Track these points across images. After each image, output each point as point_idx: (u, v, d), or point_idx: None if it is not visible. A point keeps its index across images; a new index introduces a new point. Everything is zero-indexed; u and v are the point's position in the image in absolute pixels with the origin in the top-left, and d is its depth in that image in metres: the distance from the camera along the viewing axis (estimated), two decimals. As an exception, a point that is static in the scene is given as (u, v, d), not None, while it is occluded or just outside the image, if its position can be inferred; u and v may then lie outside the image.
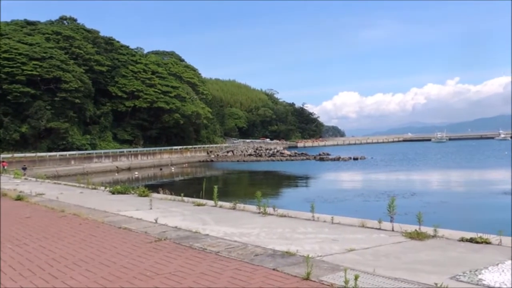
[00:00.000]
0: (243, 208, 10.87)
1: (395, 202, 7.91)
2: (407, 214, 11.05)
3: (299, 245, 6.63)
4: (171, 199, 13.38)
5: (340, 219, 8.73)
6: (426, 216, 7.73)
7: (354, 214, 11.87)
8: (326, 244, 6.69)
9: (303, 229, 8.00)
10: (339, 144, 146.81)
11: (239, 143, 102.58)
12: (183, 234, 7.90)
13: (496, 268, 5.12)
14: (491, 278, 4.74)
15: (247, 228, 8.30)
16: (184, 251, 6.66)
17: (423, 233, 7.06)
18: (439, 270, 5.14)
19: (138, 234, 8.12)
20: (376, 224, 8.02)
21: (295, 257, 5.96)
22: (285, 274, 5.23)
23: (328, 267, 5.39)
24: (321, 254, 6.08)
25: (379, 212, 9.27)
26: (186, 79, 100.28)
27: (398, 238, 7.01)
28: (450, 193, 28.56)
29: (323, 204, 23.30)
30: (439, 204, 23.00)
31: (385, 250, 6.28)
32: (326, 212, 9.80)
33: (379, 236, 7.20)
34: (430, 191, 29.33)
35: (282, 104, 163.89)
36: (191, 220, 9.38)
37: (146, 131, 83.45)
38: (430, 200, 24.40)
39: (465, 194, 27.42)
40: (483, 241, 6.50)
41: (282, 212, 9.79)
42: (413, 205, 21.06)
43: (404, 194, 26.61)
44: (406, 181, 37.94)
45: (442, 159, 64.57)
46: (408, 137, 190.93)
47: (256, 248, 6.59)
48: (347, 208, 21.78)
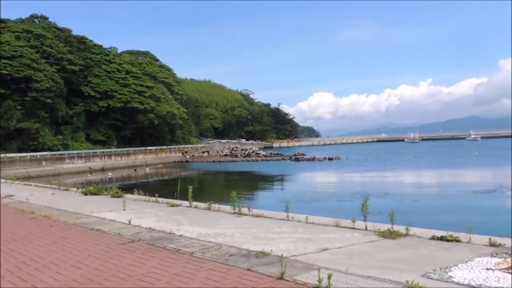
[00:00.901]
0: (218, 209, 10.83)
1: (369, 202, 8.03)
2: (380, 213, 11.21)
3: (274, 245, 6.65)
4: (145, 200, 13.23)
5: (314, 218, 8.79)
6: (399, 215, 7.85)
7: (328, 213, 11.95)
8: (300, 244, 6.73)
9: (278, 229, 8.03)
10: (314, 145, 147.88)
11: (215, 144, 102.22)
12: (157, 235, 7.82)
13: (466, 265, 5.24)
14: (460, 275, 4.85)
15: (222, 228, 8.28)
16: (158, 252, 6.59)
17: (395, 232, 7.18)
18: (411, 268, 5.23)
19: (111, 236, 8.01)
20: (350, 223, 8.12)
21: (270, 257, 5.97)
22: (260, 274, 5.24)
23: (302, 267, 5.42)
24: (295, 253, 6.11)
25: (353, 211, 9.37)
26: (161, 79, 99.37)
27: (371, 237, 7.10)
28: (422, 192, 29.08)
29: (298, 204, 23.42)
30: (412, 203, 23.40)
31: (358, 249, 6.35)
32: (301, 212, 9.85)
33: (352, 235, 7.28)
34: (403, 191, 29.81)
35: (258, 104, 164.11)
36: (165, 221, 9.30)
37: (120, 132, 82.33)
38: (403, 200, 24.80)
39: (436, 194, 27.97)
40: (453, 239, 6.64)
41: (257, 212, 9.80)
42: (386, 204, 21.36)
43: (378, 194, 26.95)
44: (380, 181, 38.47)
45: (414, 159, 65.75)
46: (382, 137, 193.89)
47: (231, 249, 6.58)
48: (322, 208, 21.95)
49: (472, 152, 73.69)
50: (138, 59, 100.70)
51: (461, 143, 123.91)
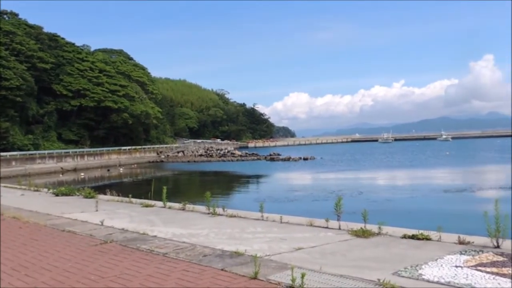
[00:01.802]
0: (192, 209, 10.78)
1: (343, 201, 8.11)
2: (355, 212, 11.33)
3: (248, 245, 6.65)
4: (119, 200, 13.07)
5: (289, 218, 8.83)
6: (372, 215, 7.96)
7: (303, 213, 12.03)
8: (274, 243, 6.75)
9: (253, 229, 8.04)
10: (290, 145, 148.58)
11: (190, 144, 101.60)
12: (130, 236, 7.73)
13: (435, 263, 5.35)
14: (430, 273, 4.95)
15: (196, 228, 8.24)
16: (131, 253, 6.52)
17: (368, 231, 7.28)
18: (383, 266, 5.31)
19: (82, 237, 7.87)
20: (323, 223, 8.19)
21: (244, 257, 5.97)
22: (233, 274, 5.24)
23: (276, 266, 5.45)
24: (269, 253, 6.13)
25: (328, 211, 9.44)
26: (135, 78, 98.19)
27: (345, 236, 7.18)
28: (395, 192, 29.53)
29: (273, 204, 23.49)
30: (385, 203, 23.74)
31: (331, 248, 6.42)
32: (276, 212, 9.89)
33: (326, 235, 7.35)
34: (377, 190, 30.22)
35: (233, 104, 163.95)
36: (138, 222, 9.20)
37: (93, 131, 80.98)
38: (376, 199, 25.14)
39: (408, 193, 28.43)
40: (424, 237, 6.77)
41: (232, 212, 9.79)
42: (360, 204, 21.60)
43: (352, 194, 27.26)
44: (354, 180, 38.90)
45: (388, 159, 66.77)
46: (356, 137, 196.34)
47: (205, 249, 6.56)
48: (297, 207, 22.07)
49: (443, 152, 75.28)
50: (111, 57, 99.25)
51: (433, 143, 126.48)
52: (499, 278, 4.68)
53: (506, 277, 4.70)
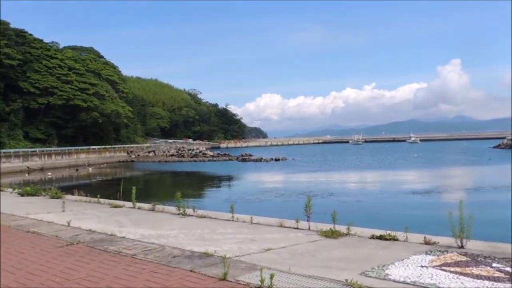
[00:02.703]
0: (162, 210, 10.67)
1: (314, 202, 8.18)
2: (325, 213, 11.45)
3: (218, 246, 6.63)
4: (87, 200, 12.82)
5: (259, 219, 8.85)
6: (342, 215, 8.04)
7: (274, 214, 12.06)
8: (244, 244, 6.75)
9: (223, 230, 8.01)
10: (262, 145, 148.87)
11: (161, 143, 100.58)
12: (97, 237, 7.60)
13: (402, 263, 5.45)
14: (396, 272, 5.03)
15: (165, 229, 8.16)
16: (98, 255, 6.40)
17: (337, 232, 7.35)
18: (350, 266, 5.37)
19: (48, 238, 7.69)
20: (293, 223, 8.23)
21: (213, 258, 5.95)
22: (202, 275, 5.21)
23: (245, 267, 5.44)
24: (239, 254, 6.12)
25: (298, 212, 9.49)
26: (105, 77, 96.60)
27: (314, 237, 7.24)
28: (365, 193, 29.98)
29: (244, 204, 23.50)
30: (355, 203, 24.07)
31: (301, 248, 6.45)
32: (247, 212, 9.89)
33: (296, 235, 7.39)
34: (347, 191, 30.60)
35: (205, 104, 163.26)
36: (107, 223, 9.05)
37: (61, 130, 79.19)
38: (346, 200, 25.45)
39: (378, 194, 28.90)
40: (391, 238, 6.89)
41: (202, 213, 9.74)
42: (330, 204, 21.82)
43: (323, 194, 27.51)
44: (325, 181, 39.28)
45: (358, 160, 67.71)
46: (327, 139, 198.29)
47: (174, 250, 6.50)
48: (268, 208, 22.13)
49: (412, 155, 76.83)
50: (81, 55, 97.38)
51: (402, 145, 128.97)
52: (462, 277, 4.80)
53: (469, 276, 4.83)
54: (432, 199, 25.63)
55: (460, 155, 72.31)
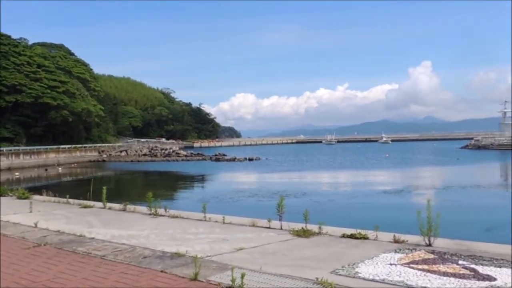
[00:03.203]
0: (133, 210, 10.54)
1: (287, 202, 8.22)
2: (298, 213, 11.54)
3: (190, 246, 6.59)
4: (55, 201, 12.55)
5: (231, 219, 8.83)
6: (314, 214, 8.11)
7: (247, 213, 12.06)
8: (216, 244, 6.73)
9: (195, 230, 7.97)
10: (235, 145, 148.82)
11: (134, 143, 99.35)
12: (66, 238, 7.44)
13: (371, 261, 5.53)
14: (366, 270, 5.11)
15: (136, 230, 8.06)
16: (66, 256, 6.27)
17: (309, 231, 7.40)
18: (321, 265, 5.42)
19: (14, 240, 7.49)
20: (266, 223, 8.25)
21: (185, 258, 5.91)
22: (173, 275, 5.17)
23: (217, 267, 5.43)
24: (210, 254, 6.10)
25: (271, 211, 9.52)
26: (76, 74, 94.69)
27: (286, 236, 7.27)
28: (337, 192, 30.32)
29: (218, 204, 23.45)
30: (327, 203, 24.32)
31: (273, 248, 6.47)
32: (220, 212, 9.85)
33: (268, 235, 7.41)
34: (320, 191, 30.88)
35: (179, 103, 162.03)
36: (76, 223, 8.88)
37: (29, 129, 77.22)
38: (319, 199, 25.68)
39: (350, 193, 29.27)
40: (361, 236, 6.98)
41: (174, 213, 9.67)
42: (303, 204, 21.94)
43: (296, 194, 27.69)
44: (298, 181, 39.55)
45: (331, 160, 68.41)
46: (301, 139, 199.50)
47: (145, 250, 6.43)
48: (241, 208, 22.14)
49: (383, 154, 78.09)
50: (51, 52, 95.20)
51: (374, 145, 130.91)
52: (429, 274, 4.91)
53: (436, 273, 4.94)
54: (403, 198, 26.11)
55: (429, 155, 73.89)
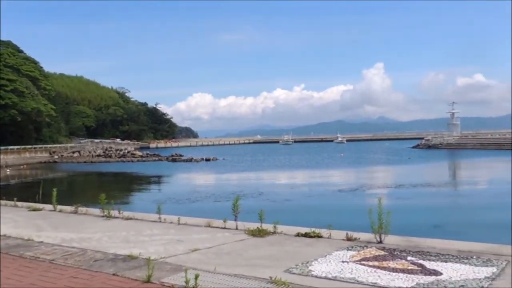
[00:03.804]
0: (85, 212, 10.26)
1: (244, 202, 8.26)
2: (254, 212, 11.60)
3: (143, 248, 6.49)
4: (2, 204, 12.04)
5: (187, 219, 8.76)
6: (270, 214, 8.16)
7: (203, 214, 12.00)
8: (171, 246, 6.66)
9: (149, 231, 7.85)
10: (192, 145, 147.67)
11: (87, 143, 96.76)
12: (13, 243, 7.15)
13: (324, 259, 5.62)
14: (319, 268, 5.19)
15: (88, 233, 7.85)
16: (13, 261, 6.03)
17: (264, 230, 7.45)
18: (275, 264, 5.47)
19: (-44, 246, 7.12)
20: (221, 223, 8.23)
21: (138, 260, 5.81)
22: (126, 278, 5.07)
23: (171, 268, 5.37)
24: (164, 255, 6.03)
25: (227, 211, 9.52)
26: (25, 72, 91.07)
27: (241, 236, 7.28)
28: (293, 191, 30.63)
29: (174, 205, 23.19)
30: (283, 202, 24.54)
31: (228, 248, 6.47)
32: (176, 213, 9.76)
33: (223, 235, 7.40)
34: (276, 190, 31.11)
35: (134, 103, 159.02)
36: (24, 227, 8.55)
37: (-25, 129, 73.88)
38: (275, 198, 25.88)
39: (306, 193, 29.65)
40: (315, 235, 7.09)
41: (128, 215, 9.49)
42: (260, 203, 22.04)
43: (252, 194, 27.79)
44: (255, 180, 39.71)
45: (288, 160, 69.10)
46: (258, 139, 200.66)
47: (96, 254, 6.27)
48: (197, 208, 22.01)
49: (339, 154, 79.66)
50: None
51: (330, 145, 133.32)
52: (379, 271, 5.05)
53: (386, 270, 5.08)
54: (357, 197, 26.71)
55: (382, 155, 75.98)
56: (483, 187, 32.01)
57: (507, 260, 5.43)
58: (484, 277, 4.75)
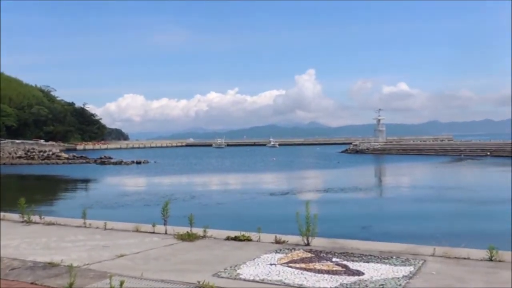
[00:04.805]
0: (3, 217, 9.66)
1: (175, 205, 8.14)
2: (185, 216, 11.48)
3: (66, 254, 6.21)
4: None
5: (114, 224, 8.51)
6: (202, 218, 8.12)
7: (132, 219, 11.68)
8: (95, 252, 6.42)
9: (73, 237, 7.53)
10: (123, 148, 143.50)
11: (7, 144, 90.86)
12: None
13: (253, 262, 5.68)
14: (247, 271, 5.23)
15: (5, 239, 7.39)
16: None
17: (194, 234, 7.39)
18: (204, 268, 5.44)
19: None
20: (150, 228, 8.08)
21: (59, 267, 5.55)
22: (45, 286, 4.83)
23: (95, 275, 5.18)
24: (88, 262, 5.81)
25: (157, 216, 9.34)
26: None
27: (170, 241, 7.18)
28: (226, 195, 30.64)
29: (101, 209, 22.43)
30: (215, 206, 24.48)
31: (156, 253, 6.35)
32: (103, 218, 9.43)
33: (152, 240, 7.26)
34: (208, 193, 30.98)
35: (60, 103, 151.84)
36: None
37: None
38: (207, 202, 25.76)
39: (238, 196, 29.77)
40: (245, 238, 7.15)
41: (50, 220, 9.06)
42: (191, 207, 21.91)
43: (184, 197, 27.49)
44: (187, 184, 39.31)
45: (220, 163, 69.05)
46: (191, 142, 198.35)
47: (14, 261, 5.92)
48: (126, 213, 21.39)
49: (271, 158, 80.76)
50: None
51: (262, 149, 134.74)
52: (305, 272, 5.18)
53: (312, 271, 5.22)
54: (288, 200, 27.20)
55: (313, 159, 77.98)
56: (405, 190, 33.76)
57: (423, 259, 5.78)
58: (402, 276, 5.01)
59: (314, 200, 25.86)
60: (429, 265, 5.55)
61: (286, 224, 12.03)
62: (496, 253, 5.79)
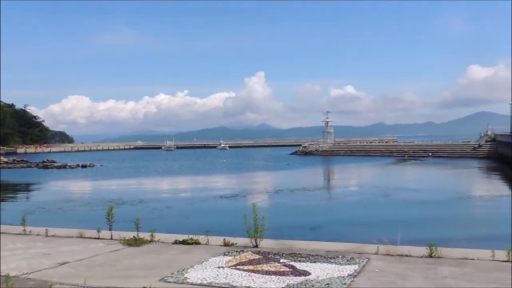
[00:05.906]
0: None
1: (122, 210, 7.95)
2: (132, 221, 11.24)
3: (3, 264, 5.93)
4: None
5: (56, 231, 8.21)
6: (150, 222, 7.97)
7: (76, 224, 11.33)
8: (35, 260, 6.16)
9: (11, 245, 7.19)
10: (67, 151, 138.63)
11: None
12: None
13: (201, 265, 5.63)
14: (195, 275, 5.19)
15: None
16: None
17: (140, 239, 7.25)
18: (151, 273, 5.34)
19: None
20: (95, 233, 7.85)
21: (-5, 278, 5.26)
22: (-21, 299, 4.56)
23: (34, 284, 4.97)
24: (27, 271, 5.57)
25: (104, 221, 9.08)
26: None
27: (116, 246, 7.01)
28: (175, 198, 30.25)
29: (43, 215, 21.56)
30: (164, 209, 24.09)
31: (100, 259, 6.18)
32: (45, 224, 9.09)
33: (96, 246, 7.05)
34: (157, 197, 30.46)
35: None
36: None
37: None
38: (156, 206, 25.30)
39: (188, 199, 29.46)
40: (193, 242, 7.08)
41: (-14, 228, 8.57)
42: (139, 211, 21.43)
43: (132, 201, 26.89)
44: (135, 188, 38.48)
45: (170, 166, 68.08)
46: (139, 144, 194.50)
47: None
48: (70, 218, 20.62)
49: (221, 160, 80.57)
50: None
51: (213, 151, 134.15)
52: (253, 274, 5.19)
53: (260, 273, 5.25)
54: (237, 202, 27.21)
55: (263, 161, 78.50)
56: (353, 190, 34.63)
57: (367, 258, 5.95)
58: (347, 275, 5.14)
59: (263, 202, 26.04)
60: (373, 263, 5.72)
61: (235, 226, 12.05)
62: (436, 250, 6.06)
